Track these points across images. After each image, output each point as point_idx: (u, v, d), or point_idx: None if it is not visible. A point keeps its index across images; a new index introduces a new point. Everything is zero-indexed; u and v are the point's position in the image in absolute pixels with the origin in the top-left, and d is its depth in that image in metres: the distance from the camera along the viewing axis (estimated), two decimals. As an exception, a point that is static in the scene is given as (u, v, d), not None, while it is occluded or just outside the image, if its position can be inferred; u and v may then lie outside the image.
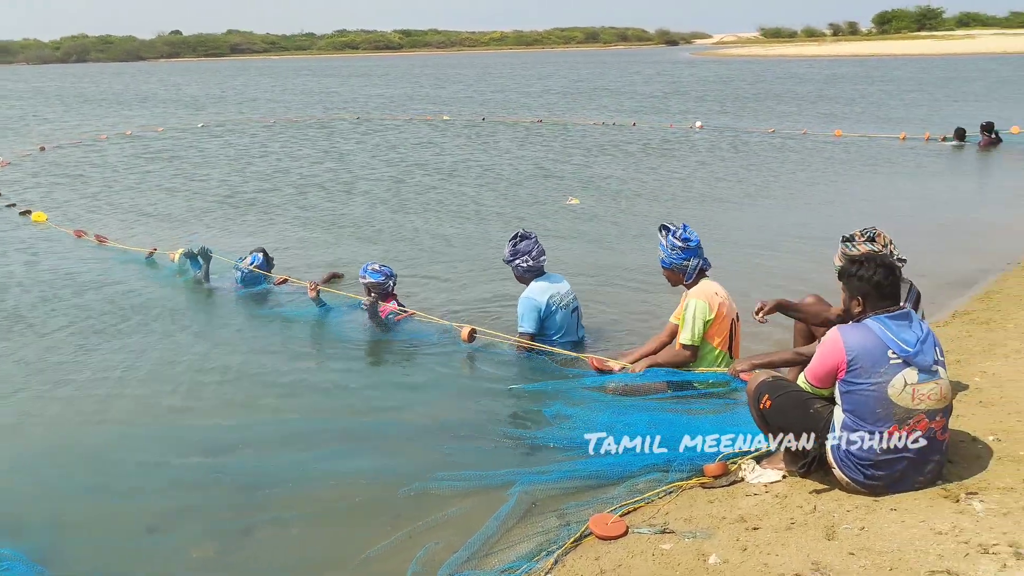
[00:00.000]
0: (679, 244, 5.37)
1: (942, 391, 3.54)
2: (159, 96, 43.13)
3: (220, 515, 4.24)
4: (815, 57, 75.28)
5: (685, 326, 5.30)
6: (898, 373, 3.48)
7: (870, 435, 3.53)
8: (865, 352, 3.52)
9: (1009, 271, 7.97)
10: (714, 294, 5.33)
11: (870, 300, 3.66)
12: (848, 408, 3.59)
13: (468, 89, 43.55)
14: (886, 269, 3.67)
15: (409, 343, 6.51)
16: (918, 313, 4.18)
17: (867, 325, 3.60)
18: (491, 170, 15.76)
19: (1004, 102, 27.20)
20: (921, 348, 3.50)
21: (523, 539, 3.74)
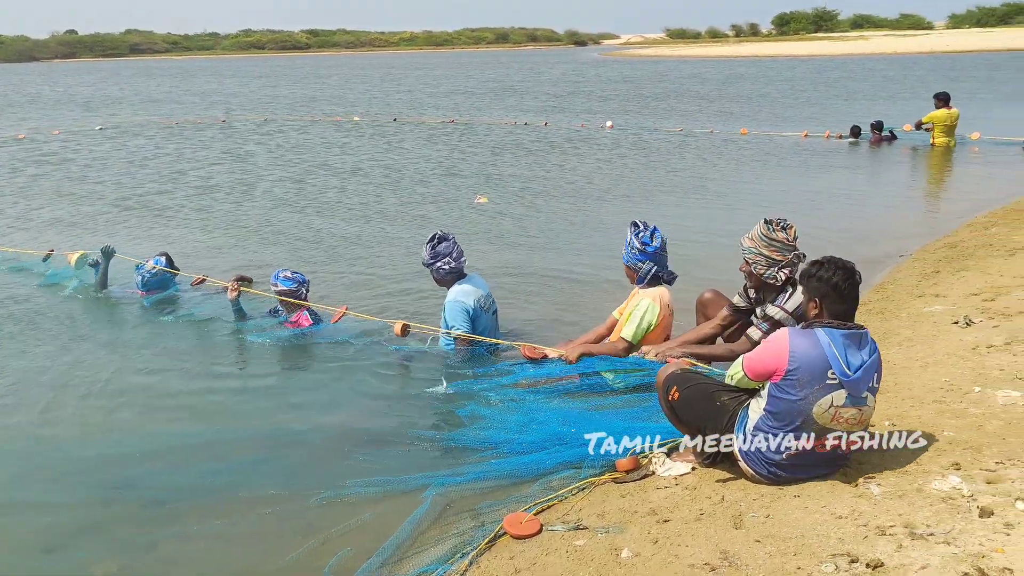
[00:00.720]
0: (638, 246, 5.43)
1: (863, 417, 3.56)
2: (53, 97, 41.34)
3: (122, 531, 4.08)
4: (718, 57, 77.25)
5: (630, 321, 5.36)
6: (829, 393, 3.47)
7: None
8: (807, 365, 3.47)
9: (902, 263, 8.32)
10: (666, 304, 5.42)
11: (827, 303, 3.58)
12: (770, 409, 3.60)
13: (376, 90, 43.11)
14: (846, 271, 3.60)
15: (324, 348, 6.38)
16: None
17: (817, 336, 3.51)
18: (398, 170, 15.62)
19: (891, 100, 28.40)
20: (860, 375, 3.46)
21: (437, 541, 3.71)
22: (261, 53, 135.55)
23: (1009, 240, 8.30)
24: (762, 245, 4.77)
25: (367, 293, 7.87)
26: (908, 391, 4.55)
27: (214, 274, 7.95)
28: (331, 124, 24.82)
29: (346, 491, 4.21)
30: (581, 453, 4.28)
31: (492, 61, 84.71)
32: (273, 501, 4.24)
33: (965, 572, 2.80)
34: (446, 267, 5.90)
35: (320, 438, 4.98)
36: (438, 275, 5.98)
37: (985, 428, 3.93)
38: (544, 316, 7.16)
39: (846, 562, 2.97)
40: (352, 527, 3.94)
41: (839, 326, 3.53)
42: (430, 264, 5.94)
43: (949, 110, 16.50)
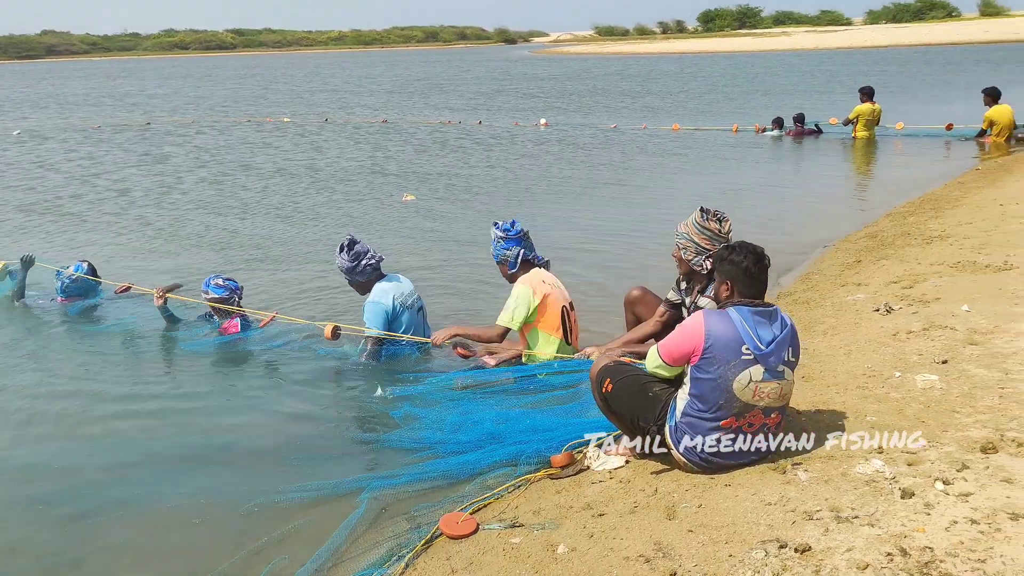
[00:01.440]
0: (500, 235, 5.51)
1: (782, 391, 3.66)
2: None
3: (45, 549, 3.95)
4: (646, 54, 78.25)
5: (505, 308, 5.42)
6: (746, 369, 3.57)
7: (708, 422, 3.66)
8: (723, 342, 3.59)
9: (825, 253, 8.55)
10: (540, 281, 5.45)
11: (738, 285, 3.76)
12: (694, 392, 3.69)
13: (305, 90, 42.53)
14: (756, 256, 3.77)
15: (255, 354, 6.25)
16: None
17: (729, 315, 3.66)
18: (326, 170, 15.51)
19: (808, 94, 29.15)
20: (773, 348, 3.59)
21: (373, 545, 3.68)
22: (185, 54, 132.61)
23: (926, 229, 8.59)
24: (694, 232, 4.86)
25: (295, 295, 7.76)
26: (832, 378, 4.67)
27: (139, 280, 7.75)
28: (261, 125, 24.38)
29: (279, 498, 4.14)
30: (516, 451, 4.29)
31: (423, 60, 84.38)
32: (203, 511, 4.15)
33: (888, 552, 2.89)
34: (370, 264, 5.85)
35: (251, 445, 4.89)
36: (362, 277, 5.89)
37: (905, 412, 4.06)
38: (475, 312, 7.16)
39: (775, 547, 3.03)
40: (286, 534, 3.87)
41: (749, 304, 3.69)
42: (352, 267, 5.84)
43: (873, 105, 17.03)
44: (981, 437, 3.66)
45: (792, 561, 2.93)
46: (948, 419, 3.91)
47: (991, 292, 5.83)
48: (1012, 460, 3.44)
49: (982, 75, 31.72)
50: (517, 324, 5.40)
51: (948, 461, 3.48)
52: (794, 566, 2.90)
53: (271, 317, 6.27)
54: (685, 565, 3.05)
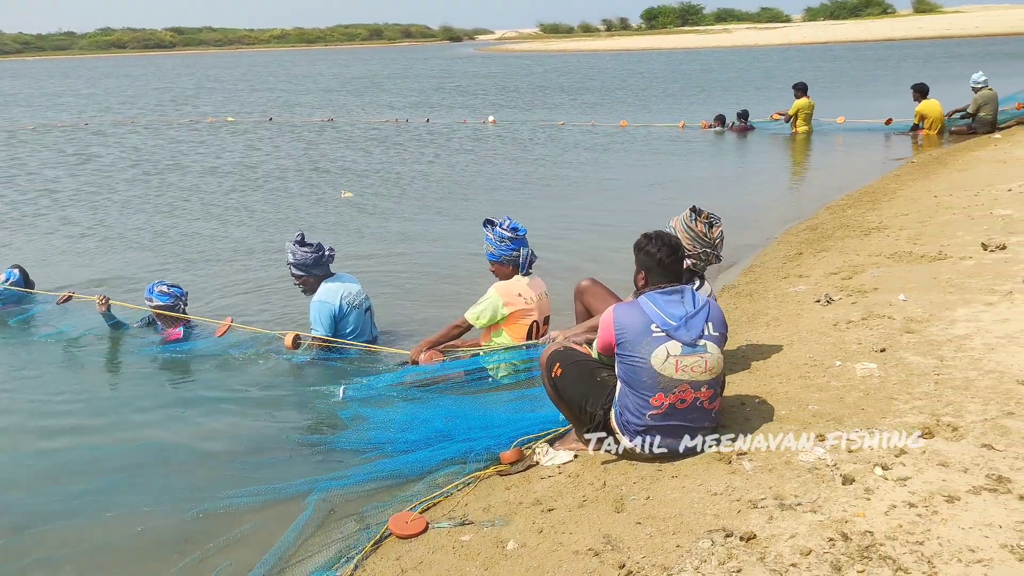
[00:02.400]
0: (508, 234, 5.38)
1: (707, 364, 3.74)
2: None
3: (-23, 563, 3.83)
4: (591, 51, 78.75)
5: (476, 304, 5.39)
6: (660, 345, 3.69)
7: (642, 403, 3.73)
8: (630, 327, 3.75)
9: (768, 245, 8.69)
10: (517, 295, 5.41)
11: (652, 275, 3.94)
12: (622, 377, 3.82)
13: (247, 88, 41.90)
14: (670, 248, 3.94)
15: (202, 360, 6.10)
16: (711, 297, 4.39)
17: (638, 303, 3.83)
18: (267, 169, 15.28)
19: (748, 90, 29.64)
20: (685, 324, 3.72)
21: (322, 548, 3.64)
22: (122, 52, 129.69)
23: (864, 221, 8.78)
24: (680, 230, 4.83)
25: (243, 296, 7.64)
26: (776, 368, 4.75)
27: (77, 286, 7.56)
28: (202, 125, 23.93)
29: (225, 502, 4.08)
30: (465, 448, 4.29)
31: (367, 58, 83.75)
32: (146, 518, 4.07)
33: (830, 537, 2.95)
34: (330, 254, 5.79)
35: (195, 451, 4.80)
36: (308, 277, 5.83)
37: (846, 400, 4.14)
38: (419, 310, 7.15)
39: (721, 537, 3.07)
40: (232, 539, 3.82)
41: (656, 288, 3.88)
42: (303, 264, 5.77)
43: (808, 99, 17.38)
44: (918, 423, 3.75)
45: (738, 549, 2.98)
46: (886, 406, 4.00)
47: (926, 281, 5.99)
48: (947, 444, 3.53)
49: (912, 71, 32.65)
50: (479, 325, 5.39)
51: (886, 447, 3.56)
52: (740, 554, 2.94)
53: (226, 325, 6.13)
54: (634, 557, 3.07)
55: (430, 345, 5.44)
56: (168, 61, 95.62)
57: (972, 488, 3.15)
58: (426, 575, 3.25)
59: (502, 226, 5.43)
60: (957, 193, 9.36)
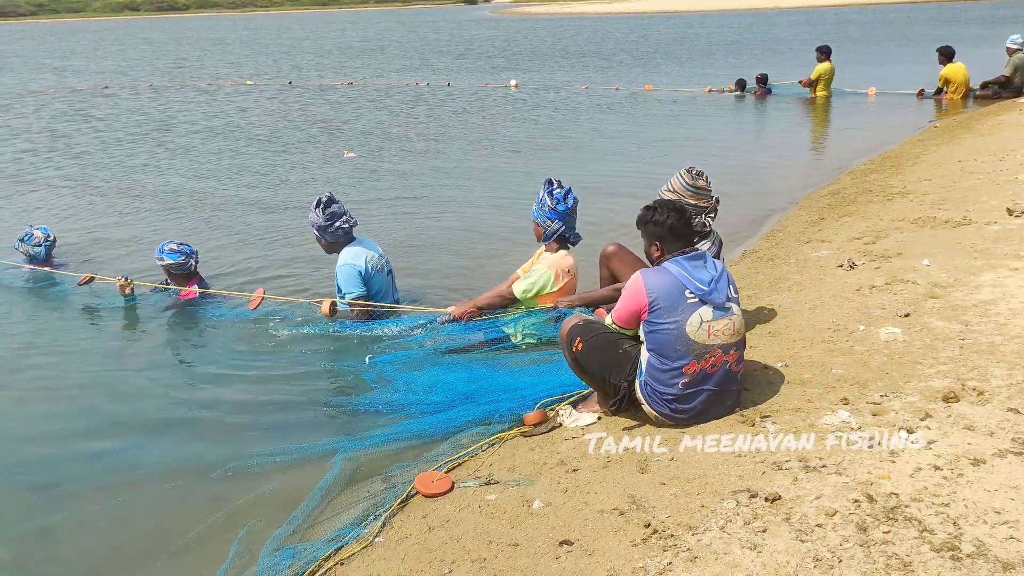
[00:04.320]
0: (549, 204, 5.38)
1: (735, 326, 3.77)
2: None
3: (11, 517, 3.90)
4: (608, 15, 77.74)
5: (525, 279, 5.38)
6: (695, 311, 3.68)
7: (672, 372, 3.73)
8: (665, 293, 3.70)
9: (790, 210, 8.63)
10: (565, 271, 5.42)
11: (666, 243, 3.88)
12: (652, 347, 3.78)
13: (265, 51, 41.71)
14: (678, 212, 3.88)
15: (225, 321, 6.16)
16: (720, 260, 4.42)
17: (666, 267, 3.79)
18: (285, 131, 15.27)
19: (763, 54, 29.21)
20: (715, 287, 3.72)
21: (349, 506, 3.69)
22: (136, 15, 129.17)
23: (887, 186, 8.70)
24: (688, 194, 4.80)
25: (246, 266, 7.64)
26: (799, 332, 4.75)
27: (94, 246, 7.64)
28: (221, 89, 23.85)
29: (252, 462, 4.13)
30: (489, 410, 4.32)
31: (382, 21, 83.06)
32: (174, 476, 4.12)
33: (855, 499, 2.97)
34: (343, 227, 5.78)
35: (221, 412, 4.85)
36: (332, 239, 5.84)
37: (869, 364, 4.15)
38: (441, 273, 7.19)
39: (746, 497, 3.10)
40: (260, 498, 3.87)
41: (680, 254, 3.83)
42: (325, 226, 5.78)
43: (831, 64, 17.11)
44: (943, 387, 3.75)
45: (763, 510, 3.00)
46: (911, 370, 4.01)
47: (951, 246, 5.94)
48: (973, 408, 3.54)
49: (929, 33, 32.04)
50: (530, 297, 5.39)
51: (912, 411, 3.57)
52: (764, 514, 2.97)
53: (259, 298, 6.14)
54: (659, 517, 3.11)
55: (475, 307, 5.43)
56: (182, 24, 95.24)
57: (998, 451, 3.16)
58: (453, 532, 3.29)
59: (551, 193, 5.39)
60: (981, 158, 9.24)
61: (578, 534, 3.11)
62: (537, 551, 3.06)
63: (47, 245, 7.25)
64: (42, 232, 7.25)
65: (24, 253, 7.24)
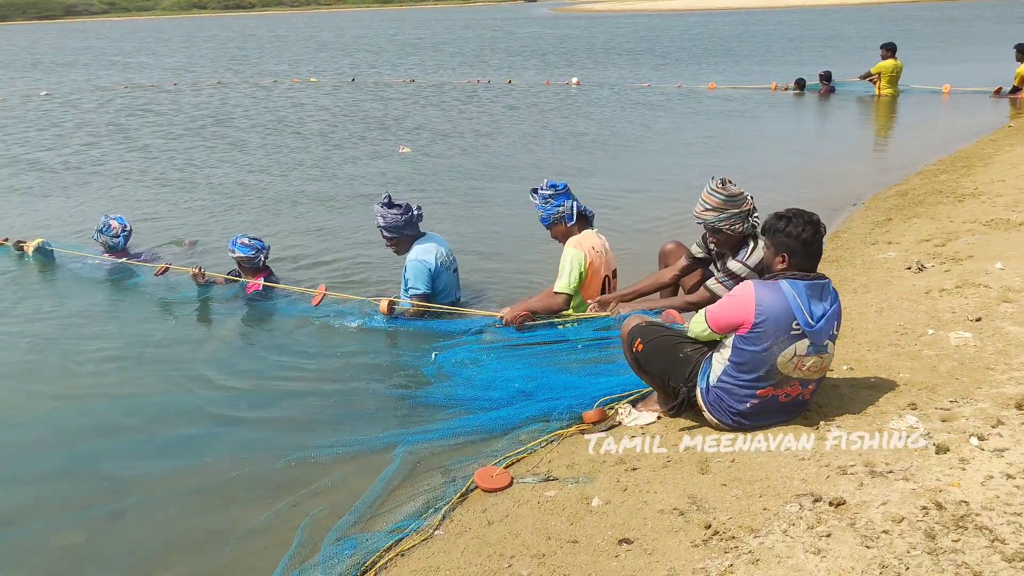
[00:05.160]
0: (548, 193, 5.42)
1: (823, 365, 3.62)
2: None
3: (85, 502, 4.04)
4: (669, 11, 76.94)
5: (561, 273, 5.37)
6: (793, 343, 3.49)
7: (745, 389, 3.64)
8: (773, 317, 3.48)
9: (855, 211, 8.46)
10: (591, 247, 5.40)
11: (795, 258, 3.58)
12: (735, 360, 3.62)
13: (328, 49, 42.26)
14: (814, 226, 3.59)
15: (288, 316, 6.27)
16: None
17: (781, 287, 3.52)
18: (346, 129, 15.47)
19: (824, 51, 28.60)
20: (823, 324, 3.50)
21: (409, 498, 3.74)
22: (204, 13, 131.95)
23: (958, 187, 8.47)
24: (728, 206, 4.76)
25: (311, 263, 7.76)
26: (864, 336, 4.66)
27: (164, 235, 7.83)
28: (287, 86, 24.24)
29: (315, 452, 4.21)
30: (548, 407, 4.33)
31: (441, 19, 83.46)
32: (240, 465, 4.22)
33: (924, 506, 2.90)
34: (419, 214, 5.84)
35: (285, 403, 4.95)
36: (398, 237, 5.91)
37: (939, 369, 4.05)
38: (495, 271, 7.22)
39: (810, 501, 3.06)
40: (322, 488, 3.94)
41: (803, 277, 3.56)
42: (396, 225, 5.82)
43: (895, 61, 16.70)
44: (1016, 393, 3.65)
45: (827, 514, 2.96)
46: (982, 376, 3.90)
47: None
48: (1048, 416, 3.43)
49: (1000, 31, 31.00)
50: (575, 287, 5.37)
51: (983, 417, 3.48)
52: (829, 519, 2.93)
53: (321, 293, 6.24)
54: (719, 518, 3.08)
55: (527, 310, 5.42)
56: (248, 22, 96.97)
57: (1075, 461, 3.07)
58: (512, 527, 3.31)
59: (541, 188, 5.47)
60: (1059, 159, 8.95)
61: (637, 533, 3.11)
62: (596, 548, 3.07)
63: (124, 235, 7.41)
64: (118, 222, 7.43)
65: (103, 244, 7.44)
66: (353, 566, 3.22)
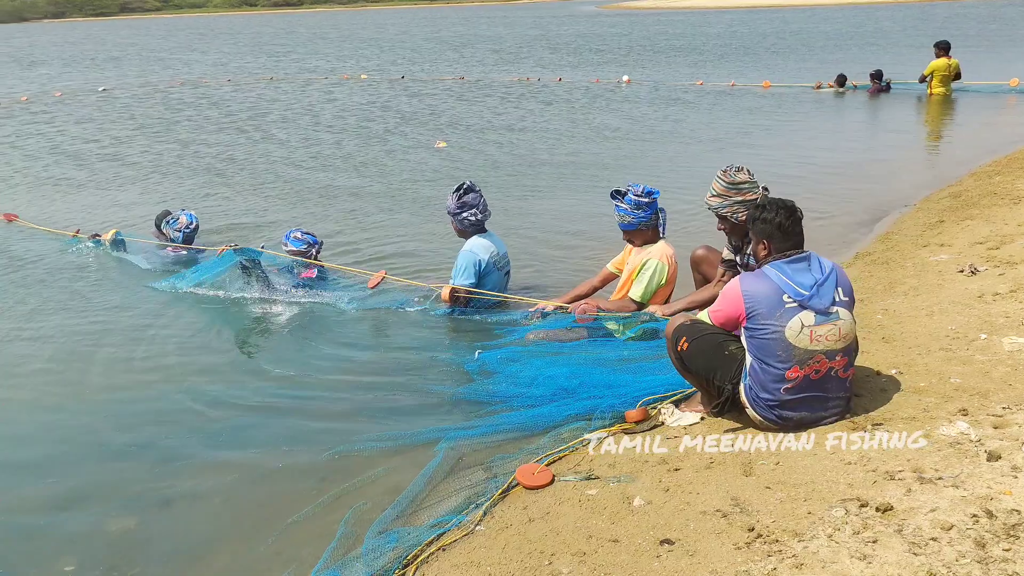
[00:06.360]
0: (645, 200, 5.38)
1: (841, 331, 3.64)
2: (49, 58, 40.78)
3: (138, 488, 4.12)
4: (719, 8, 76.12)
5: (639, 282, 5.36)
6: (794, 316, 3.59)
7: (774, 377, 3.65)
8: (762, 298, 3.66)
9: (906, 212, 8.31)
10: (671, 257, 5.43)
11: (774, 242, 3.80)
12: (753, 352, 3.73)
13: (379, 47, 42.57)
14: (787, 211, 3.81)
15: (328, 309, 6.36)
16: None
17: (764, 272, 3.74)
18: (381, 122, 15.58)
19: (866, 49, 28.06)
20: (817, 292, 3.62)
21: (451, 494, 3.75)
22: (254, 10, 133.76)
23: (1013, 189, 8.27)
24: (733, 194, 4.86)
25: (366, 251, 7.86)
26: (914, 339, 4.57)
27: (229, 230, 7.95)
28: (337, 82, 24.44)
29: (358, 446, 4.26)
30: (590, 405, 4.32)
31: (490, 16, 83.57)
32: (285, 457, 4.28)
33: (974, 514, 2.85)
34: (471, 219, 5.89)
35: (329, 396, 4.99)
36: (461, 225, 5.97)
37: (991, 374, 3.96)
38: (542, 270, 7.20)
39: (856, 506, 3.02)
40: (365, 481, 3.97)
41: (781, 257, 3.75)
42: (456, 213, 5.92)
43: (948, 60, 16.34)
44: (1073, 401, 3.56)
45: (873, 520, 2.92)
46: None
47: (1084, 254, 5.61)
48: (1106, 425, 3.34)
49: None
50: (648, 298, 5.38)
51: (1037, 425, 3.40)
52: (875, 525, 2.89)
53: (380, 277, 6.30)
54: (763, 521, 3.06)
55: (596, 308, 5.44)
56: (297, 19, 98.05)
57: None
58: (553, 525, 3.31)
59: (635, 192, 5.39)
60: (1120, 160, 8.69)
61: (679, 534, 3.09)
62: (638, 548, 3.06)
63: (186, 231, 7.44)
64: (187, 218, 7.46)
65: (165, 235, 7.52)
66: (395, 559, 3.24)
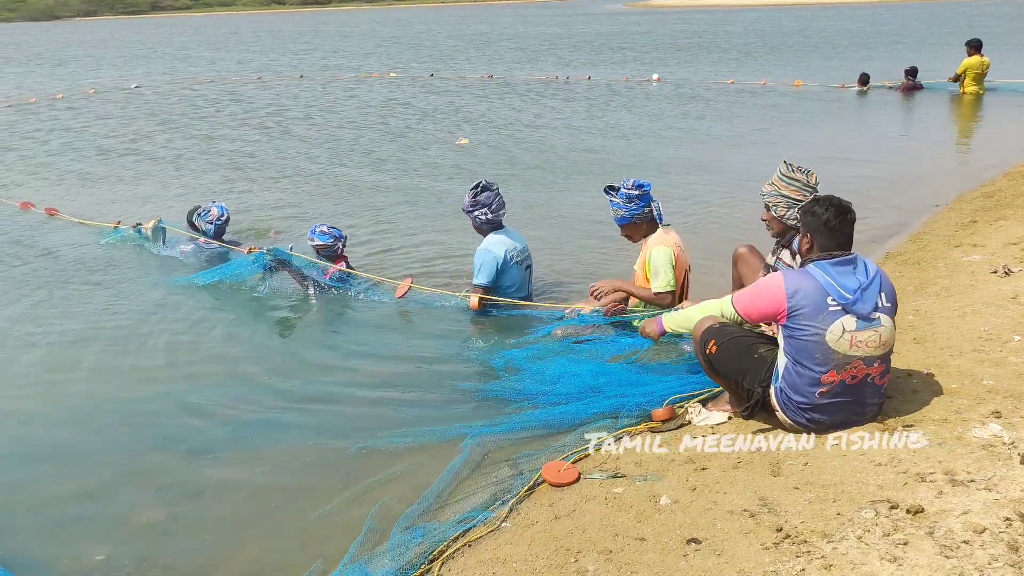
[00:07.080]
0: (636, 194, 5.36)
1: (881, 338, 3.57)
2: (81, 57, 41.28)
3: (166, 480, 4.18)
4: (746, 7, 75.53)
5: (656, 275, 5.33)
6: (836, 320, 3.51)
7: (810, 380, 3.60)
8: (806, 298, 3.55)
9: (937, 212, 8.21)
10: (674, 243, 5.39)
11: (818, 238, 3.69)
12: (790, 352, 3.65)
13: (407, 45, 42.69)
14: (838, 209, 3.67)
15: (367, 305, 6.40)
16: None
17: (808, 271, 3.63)
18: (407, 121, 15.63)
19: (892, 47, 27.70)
20: (861, 296, 3.52)
21: (477, 490, 3.76)
22: (282, 9, 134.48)
23: (1049, 188, 8.15)
24: (782, 185, 4.79)
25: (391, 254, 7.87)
26: (947, 340, 4.52)
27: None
28: (363, 81, 24.54)
29: (384, 442, 4.27)
30: (617, 403, 4.31)
31: (517, 14, 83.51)
32: (313, 451, 4.31)
33: (1007, 517, 2.81)
34: (483, 216, 5.90)
35: (356, 392, 5.01)
36: (476, 223, 5.99)
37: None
38: (568, 270, 7.19)
39: (886, 508, 2.99)
40: (391, 477, 3.99)
41: (827, 257, 3.63)
42: (469, 211, 5.95)
43: (981, 58, 16.13)
44: (1109, 404, 3.50)
45: (904, 522, 2.88)
46: (1073, 385, 3.75)
47: (1121, 255, 5.52)
48: None
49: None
50: (674, 284, 5.35)
51: (1073, 428, 3.35)
52: (906, 527, 2.85)
53: (407, 286, 6.32)
54: (791, 522, 3.03)
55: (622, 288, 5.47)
56: (324, 17, 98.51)
57: None
58: (579, 523, 3.31)
59: (626, 186, 5.39)
60: None
61: (706, 533, 3.08)
62: (664, 547, 3.04)
63: (217, 224, 7.42)
64: (218, 210, 7.44)
65: (197, 227, 7.56)
66: (421, 554, 3.25)
